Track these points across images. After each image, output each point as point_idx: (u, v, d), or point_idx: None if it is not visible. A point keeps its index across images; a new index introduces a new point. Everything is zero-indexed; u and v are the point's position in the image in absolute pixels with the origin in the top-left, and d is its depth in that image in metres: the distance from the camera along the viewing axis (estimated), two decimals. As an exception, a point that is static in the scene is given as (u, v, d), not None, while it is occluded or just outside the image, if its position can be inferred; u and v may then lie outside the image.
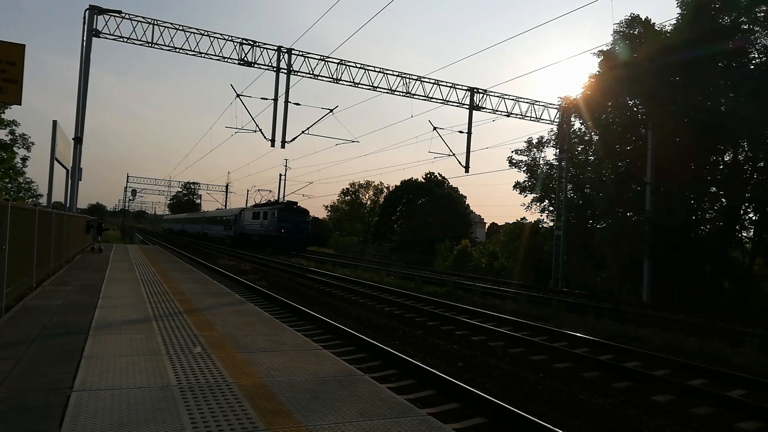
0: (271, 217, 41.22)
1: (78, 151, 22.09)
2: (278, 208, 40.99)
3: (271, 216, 41.38)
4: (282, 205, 42.35)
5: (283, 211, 40.89)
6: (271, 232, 41.00)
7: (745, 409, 6.90)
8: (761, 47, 22.48)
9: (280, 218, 40.28)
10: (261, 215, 44.03)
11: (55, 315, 8.03)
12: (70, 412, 4.03)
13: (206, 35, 23.82)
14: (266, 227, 42.14)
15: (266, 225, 42.13)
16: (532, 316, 14.01)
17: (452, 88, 27.59)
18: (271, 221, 41.12)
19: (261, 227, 43.45)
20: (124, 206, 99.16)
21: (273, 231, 40.58)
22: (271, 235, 40.88)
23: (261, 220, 43.70)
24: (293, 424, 3.98)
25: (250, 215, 47.63)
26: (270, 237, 41.21)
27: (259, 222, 44.01)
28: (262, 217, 43.50)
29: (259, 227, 44.07)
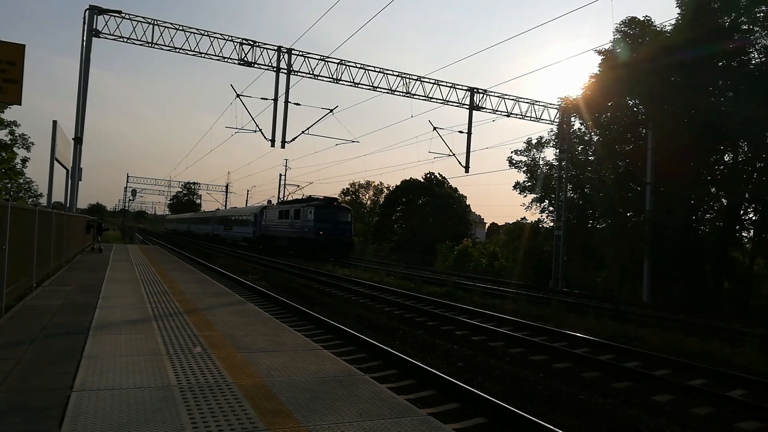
0: (306, 216, 34.79)
1: (78, 151, 22.09)
2: (315, 206, 34.32)
3: (305, 215, 34.94)
4: (319, 202, 35.30)
5: (321, 208, 34.29)
6: (305, 235, 34.60)
7: (745, 408, 6.90)
8: (761, 47, 22.48)
9: (318, 217, 33.71)
10: (291, 214, 37.44)
11: (55, 315, 8.03)
12: (70, 412, 4.03)
13: (206, 35, 23.83)
14: (298, 228, 35.68)
15: (298, 226, 35.62)
16: (532, 316, 14.01)
17: (452, 88, 27.60)
18: (306, 221, 34.66)
19: (291, 228, 37.08)
20: (124, 206, 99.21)
21: (308, 233, 34.19)
22: (306, 238, 34.42)
23: (291, 219, 37.22)
24: (293, 424, 3.98)
25: (275, 214, 41.12)
26: (304, 240, 34.84)
27: (289, 222, 37.68)
28: (293, 216, 36.88)
29: (288, 228, 37.72)
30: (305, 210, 35.13)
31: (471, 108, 28.02)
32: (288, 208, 38.62)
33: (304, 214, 35.12)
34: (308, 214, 34.53)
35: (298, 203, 38.26)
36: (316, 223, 33.48)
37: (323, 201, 35.58)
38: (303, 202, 37.20)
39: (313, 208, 34.24)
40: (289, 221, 37.55)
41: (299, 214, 35.94)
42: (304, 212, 35.28)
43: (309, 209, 34.61)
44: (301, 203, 37.20)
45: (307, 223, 34.51)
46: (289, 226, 37.41)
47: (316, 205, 34.55)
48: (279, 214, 40.19)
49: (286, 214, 38.44)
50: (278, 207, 42.05)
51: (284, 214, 38.93)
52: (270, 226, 41.69)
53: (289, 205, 39.57)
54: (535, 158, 35.94)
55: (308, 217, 34.42)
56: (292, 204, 39.22)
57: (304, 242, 34.87)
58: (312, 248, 33.63)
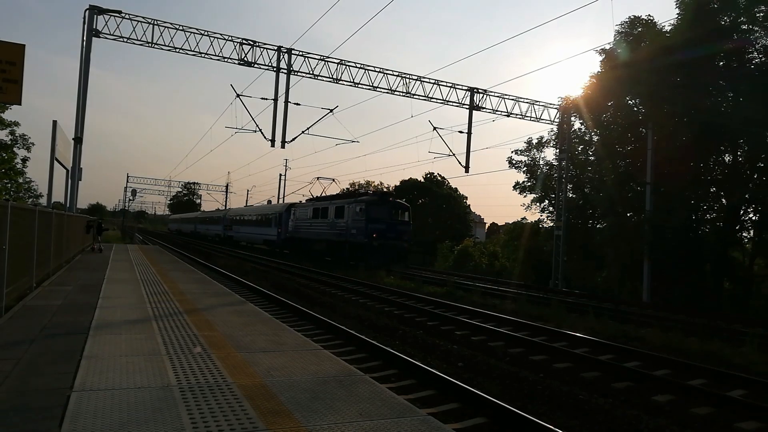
0: (353, 214, 28.41)
1: (78, 151, 22.09)
2: (366, 202, 28.08)
3: (352, 213, 28.57)
4: (372, 197, 29.18)
5: (374, 205, 27.93)
6: (352, 237, 28.11)
7: (746, 408, 6.90)
8: (761, 47, 22.48)
9: (370, 216, 27.24)
10: (331, 212, 31.07)
11: (55, 315, 8.03)
12: (70, 412, 4.03)
13: (206, 35, 23.83)
14: (342, 229, 29.35)
15: (342, 226, 29.38)
16: (532, 316, 14.01)
17: (452, 88, 27.60)
18: (353, 221, 28.24)
19: (331, 229, 30.76)
20: (124, 206, 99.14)
21: (357, 235, 27.71)
22: (354, 242, 27.97)
23: (331, 218, 30.86)
24: (293, 424, 3.98)
25: (307, 212, 34.79)
26: (350, 244, 28.44)
27: (328, 222, 31.26)
28: (334, 214, 30.61)
29: (327, 229, 31.40)
30: (353, 207, 28.60)
31: (471, 108, 28.02)
32: (326, 205, 31.99)
33: (351, 211, 28.64)
34: (357, 211, 28.08)
35: (340, 198, 31.78)
36: (369, 224, 27.02)
37: (377, 196, 29.70)
38: (348, 197, 30.96)
39: (365, 204, 27.82)
40: (329, 221, 31.13)
41: (343, 211, 29.47)
42: (350, 210, 28.81)
43: (358, 206, 28.11)
44: (346, 198, 30.73)
45: (355, 223, 28.09)
46: (329, 227, 31.04)
47: (368, 200, 28.23)
48: (314, 213, 33.71)
49: (324, 212, 32.07)
50: (312, 204, 34.99)
51: (321, 213, 32.49)
52: (301, 227, 35.26)
53: (327, 201, 32.46)
54: (535, 158, 35.97)
55: (357, 215, 28.02)
56: (333, 200, 32.13)
57: (350, 246, 28.47)
58: (361, 254, 27.36)
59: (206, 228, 62.11)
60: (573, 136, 30.84)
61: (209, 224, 61.14)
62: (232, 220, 51.83)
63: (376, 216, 27.47)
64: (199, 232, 64.76)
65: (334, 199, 32.51)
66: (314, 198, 36.57)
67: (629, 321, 14.17)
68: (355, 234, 27.94)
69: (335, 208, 30.61)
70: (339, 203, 30.56)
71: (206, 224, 62.89)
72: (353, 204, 28.67)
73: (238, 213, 52.50)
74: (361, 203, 28.04)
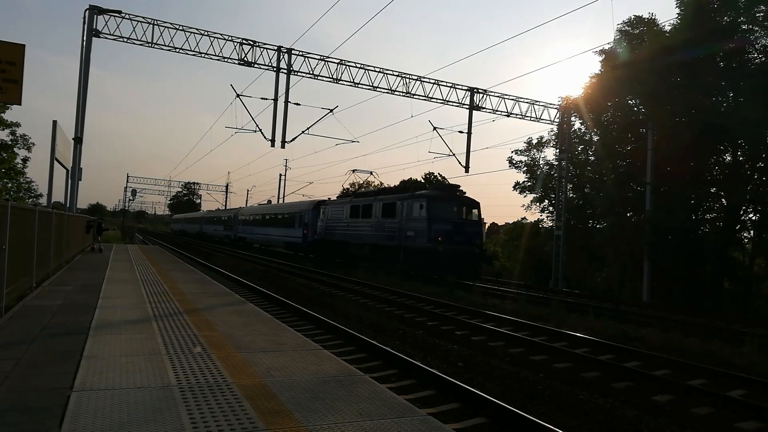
0: (410, 212, 22.76)
1: (78, 151, 22.10)
2: (428, 197, 22.49)
3: (407, 211, 22.89)
4: (434, 191, 23.75)
5: (438, 202, 22.27)
6: (409, 241, 22.47)
7: (746, 408, 6.90)
8: (761, 47, 22.50)
9: (434, 214, 21.63)
10: (377, 209, 25.44)
11: (55, 315, 8.03)
12: (70, 412, 4.03)
13: (206, 35, 23.83)
14: (393, 231, 23.74)
15: (393, 227, 23.77)
16: (532, 316, 14.00)
17: (452, 88, 27.61)
18: (410, 220, 22.63)
19: (378, 231, 25.05)
20: (124, 206, 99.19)
21: (414, 238, 22.16)
22: (411, 247, 22.28)
23: (377, 218, 25.30)
24: (293, 424, 3.98)
25: (343, 211, 29.27)
26: (406, 250, 22.71)
27: (373, 222, 25.68)
28: (381, 212, 24.97)
29: (371, 231, 25.73)
30: (409, 203, 23.02)
31: (471, 108, 28.04)
32: (369, 202, 26.50)
33: (407, 209, 23.05)
34: (415, 209, 22.59)
35: (389, 193, 26.55)
36: (432, 224, 21.48)
37: (440, 189, 24.13)
38: (400, 192, 25.61)
39: (426, 200, 22.25)
40: (374, 221, 25.69)
41: (395, 209, 23.96)
42: (405, 207, 23.22)
43: (417, 202, 22.68)
44: (397, 193, 25.39)
45: (412, 223, 22.58)
46: (374, 228, 25.58)
47: (431, 195, 22.79)
48: (352, 211, 28.19)
49: (367, 210, 26.50)
50: (349, 201, 29.47)
51: (363, 211, 26.96)
52: (335, 228, 29.93)
53: (371, 198, 26.95)
54: (535, 158, 36.01)
55: (415, 213, 22.53)
56: (378, 195, 26.65)
57: (406, 252, 22.83)
58: (422, 262, 21.64)
59: (214, 228, 57.99)
60: (573, 136, 30.87)
61: (217, 224, 56.97)
62: (245, 219, 47.76)
63: (440, 214, 21.87)
64: (206, 232, 61.08)
65: (379, 194, 26.81)
66: (351, 194, 31.23)
67: (629, 321, 14.17)
68: (412, 237, 22.43)
69: (382, 205, 25.11)
70: (388, 199, 25.00)
71: (214, 224, 58.68)
72: (410, 200, 23.08)
73: (251, 212, 47.46)
74: (421, 199, 22.53)
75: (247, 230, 46.61)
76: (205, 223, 63.31)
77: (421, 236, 21.92)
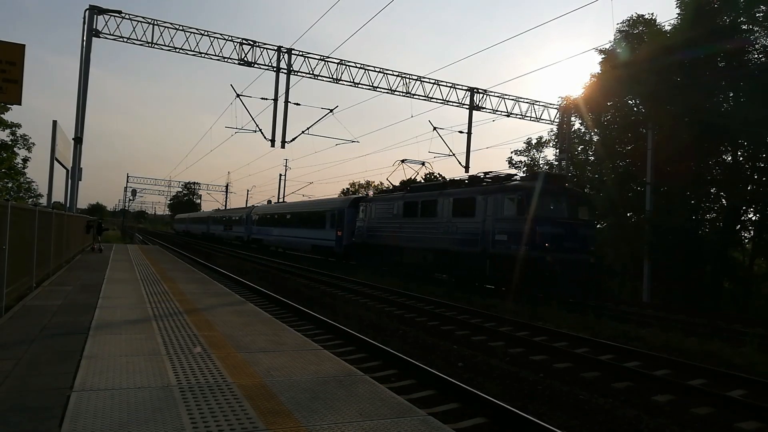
0: (499, 208, 17.79)
1: (78, 151, 22.11)
2: (525, 189, 17.28)
3: (497, 207, 17.86)
4: (532, 182, 17.71)
5: (542, 195, 16.80)
6: (499, 247, 17.45)
7: (746, 408, 6.89)
8: (761, 47, 22.50)
9: (538, 213, 16.56)
10: (445, 207, 20.27)
11: (55, 315, 8.03)
12: (70, 412, 4.03)
13: (206, 35, 23.84)
14: (473, 234, 18.61)
15: (472, 229, 18.70)
16: (532, 317, 13.99)
17: (452, 88, 27.62)
18: (499, 219, 17.70)
19: (449, 234, 19.84)
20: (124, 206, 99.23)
21: (507, 244, 17.15)
22: (503, 255, 17.21)
23: (446, 217, 20.18)
24: (293, 424, 3.98)
25: (393, 208, 23.74)
26: (494, 259, 17.64)
27: (437, 222, 20.57)
28: (451, 210, 19.94)
29: (437, 234, 20.47)
30: (497, 199, 17.85)
31: (471, 108, 28.05)
32: (433, 197, 20.96)
33: (494, 205, 17.85)
34: (508, 205, 17.47)
35: (459, 186, 20.49)
36: (537, 225, 16.37)
37: (543, 179, 17.76)
38: (478, 184, 19.77)
39: (523, 193, 17.08)
40: (439, 221, 20.37)
41: (474, 205, 18.65)
42: (492, 203, 17.97)
43: (510, 196, 17.52)
44: (476, 186, 19.65)
45: (503, 224, 17.48)
46: (441, 230, 20.14)
47: (529, 187, 17.21)
48: (406, 209, 22.67)
49: (430, 207, 21.08)
50: (402, 196, 23.48)
51: (423, 208, 21.54)
52: (382, 229, 24.44)
53: (434, 191, 21.27)
54: (534, 158, 36.02)
55: (506, 211, 17.51)
56: (444, 189, 20.85)
57: (494, 262, 17.63)
58: (521, 274, 16.34)
59: (222, 229, 53.36)
60: (573, 136, 30.87)
61: (227, 224, 52.38)
62: (261, 219, 43.10)
63: (545, 213, 16.69)
64: (214, 233, 55.92)
65: (445, 187, 20.98)
66: (402, 188, 26.60)
67: (629, 321, 14.16)
68: (504, 243, 17.13)
69: (454, 201, 19.73)
70: (462, 193, 19.52)
71: (223, 224, 53.92)
72: (498, 194, 17.86)
73: (269, 211, 42.55)
74: (517, 192, 17.30)
75: (263, 231, 42.25)
76: (213, 223, 58.34)
77: (516, 241, 16.63)
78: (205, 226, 61.94)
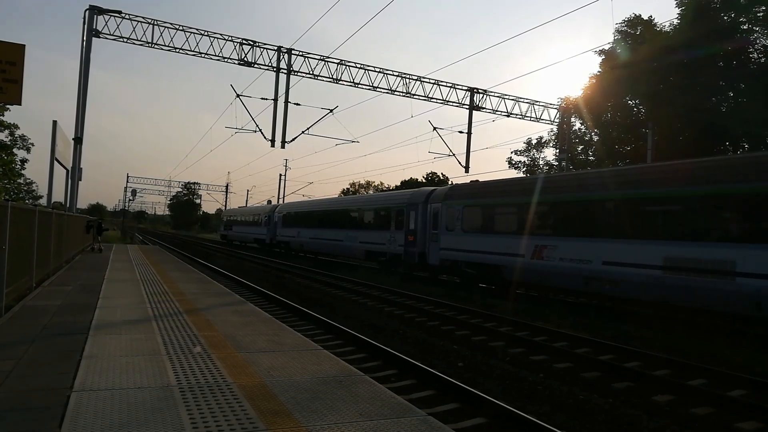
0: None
1: (78, 151, 22.12)
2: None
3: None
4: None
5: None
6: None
7: (745, 408, 6.89)
8: (761, 47, 22.51)
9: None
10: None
11: (54, 315, 8.03)
12: (70, 413, 4.03)
13: (206, 35, 23.84)
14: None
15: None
16: (533, 317, 13.98)
17: (452, 88, 27.62)
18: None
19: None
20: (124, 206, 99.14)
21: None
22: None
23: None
24: (293, 424, 3.98)
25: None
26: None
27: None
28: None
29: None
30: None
31: (471, 108, 28.04)
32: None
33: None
34: None
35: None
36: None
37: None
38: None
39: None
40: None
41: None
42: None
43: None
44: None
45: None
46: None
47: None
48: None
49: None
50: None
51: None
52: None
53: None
54: (534, 158, 36.05)
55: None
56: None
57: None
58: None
59: (240, 231, 41.87)
60: (573, 137, 30.89)
61: (246, 226, 41.70)
62: (288, 218, 35.24)
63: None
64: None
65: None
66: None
67: (630, 321, 14.12)
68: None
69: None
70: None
71: (241, 226, 42.42)
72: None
73: (299, 208, 33.56)
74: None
75: (290, 233, 35.55)
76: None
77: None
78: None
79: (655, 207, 12.57)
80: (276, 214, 39.55)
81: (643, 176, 13.18)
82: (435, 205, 20.78)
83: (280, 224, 38.39)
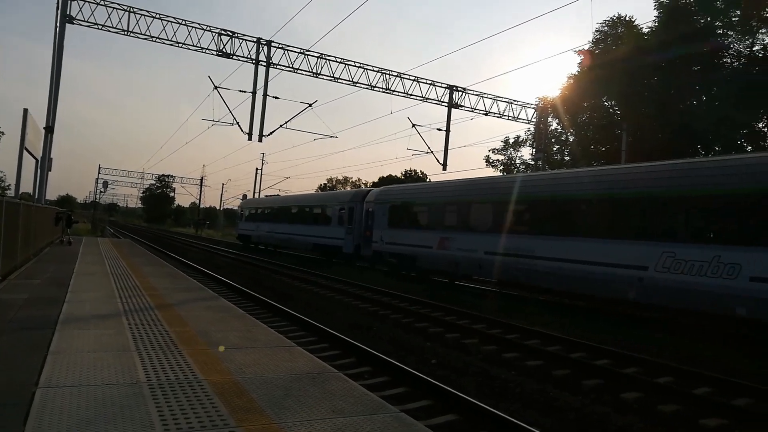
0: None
1: (49, 141, 21.59)
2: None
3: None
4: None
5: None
6: None
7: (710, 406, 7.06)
8: (734, 52, 23.02)
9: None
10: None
11: (21, 309, 7.83)
12: (35, 410, 3.93)
13: (183, 24, 23.46)
14: None
15: None
16: (508, 314, 14.10)
17: (432, 85, 27.67)
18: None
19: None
20: (95, 198, 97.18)
21: None
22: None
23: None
24: (265, 421, 3.95)
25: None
26: None
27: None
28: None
29: None
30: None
31: (450, 106, 28.14)
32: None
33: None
34: None
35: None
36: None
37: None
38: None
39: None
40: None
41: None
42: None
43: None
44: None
45: None
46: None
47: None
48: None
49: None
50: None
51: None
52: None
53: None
54: (511, 157, 36.37)
55: None
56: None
57: None
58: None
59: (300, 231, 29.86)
60: (550, 136, 31.25)
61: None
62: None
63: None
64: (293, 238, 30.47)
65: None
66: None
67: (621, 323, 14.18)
68: None
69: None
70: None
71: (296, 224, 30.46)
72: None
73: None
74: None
75: (250, 227, 33.08)
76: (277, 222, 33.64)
77: None
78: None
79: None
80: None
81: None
82: (369, 205, 24.12)
83: (243, 219, 39.23)
